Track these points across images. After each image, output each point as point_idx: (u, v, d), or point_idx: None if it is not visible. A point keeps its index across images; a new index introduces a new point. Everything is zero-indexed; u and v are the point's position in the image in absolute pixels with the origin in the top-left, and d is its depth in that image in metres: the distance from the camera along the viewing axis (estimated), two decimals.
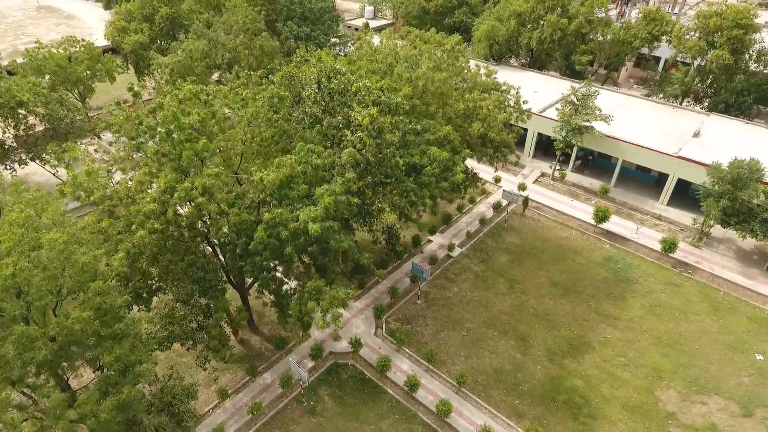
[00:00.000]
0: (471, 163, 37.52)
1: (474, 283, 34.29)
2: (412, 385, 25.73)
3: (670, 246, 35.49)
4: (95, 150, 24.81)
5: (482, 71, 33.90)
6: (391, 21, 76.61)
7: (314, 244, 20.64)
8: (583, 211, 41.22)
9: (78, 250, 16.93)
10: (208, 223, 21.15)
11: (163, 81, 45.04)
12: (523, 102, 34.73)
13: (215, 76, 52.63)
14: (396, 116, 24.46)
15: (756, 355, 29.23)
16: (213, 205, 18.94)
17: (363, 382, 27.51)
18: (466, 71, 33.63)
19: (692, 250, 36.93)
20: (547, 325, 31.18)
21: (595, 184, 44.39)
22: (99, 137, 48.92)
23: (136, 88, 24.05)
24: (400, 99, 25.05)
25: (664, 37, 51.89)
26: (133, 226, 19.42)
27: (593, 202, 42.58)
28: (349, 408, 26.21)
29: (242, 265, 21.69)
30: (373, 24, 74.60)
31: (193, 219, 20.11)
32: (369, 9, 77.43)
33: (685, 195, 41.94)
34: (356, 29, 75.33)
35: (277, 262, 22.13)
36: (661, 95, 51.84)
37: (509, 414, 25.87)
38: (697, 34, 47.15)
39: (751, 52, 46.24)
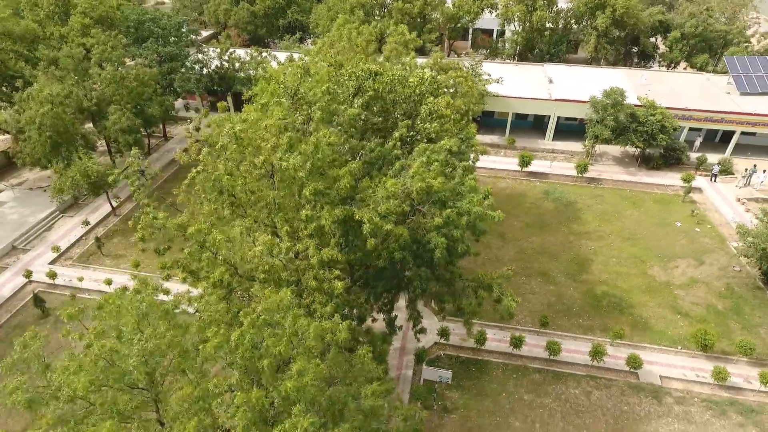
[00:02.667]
0: None
1: (473, 247, 37.25)
2: (517, 342, 27.82)
3: (583, 168, 44.42)
4: None
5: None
6: (213, 31, 71.05)
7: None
8: (502, 162, 47.79)
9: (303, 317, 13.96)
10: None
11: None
12: None
13: None
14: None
15: (676, 223, 39.79)
16: (400, 228, 17.17)
17: (465, 364, 28.37)
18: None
19: (589, 168, 46.76)
20: (550, 257, 36.40)
21: (495, 138, 51.47)
22: None
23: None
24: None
25: (485, 11, 61.68)
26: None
27: (502, 153, 49.58)
28: (473, 389, 26.95)
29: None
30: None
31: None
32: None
33: (556, 129, 52.13)
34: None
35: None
36: (499, 57, 62.03)
37: (585, 332, 30.28)
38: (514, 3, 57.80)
39: (554, 12, 59.03)
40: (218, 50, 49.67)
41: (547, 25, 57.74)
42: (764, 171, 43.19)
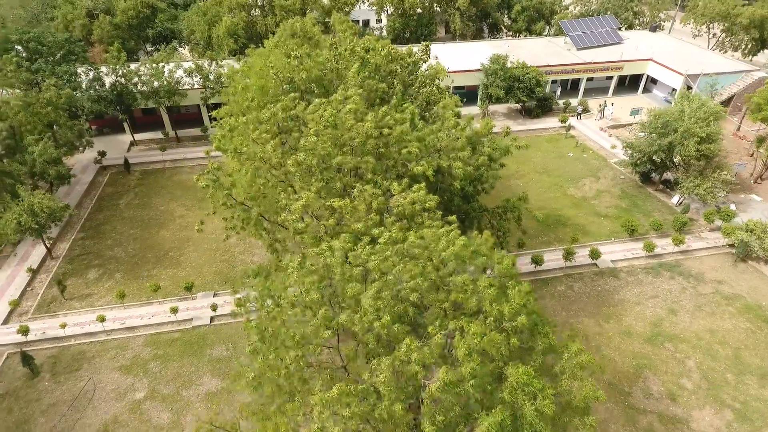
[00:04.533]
0: None
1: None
2: (537, 261, 33.61)
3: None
4: None
5: None
6: None
7: None
8: None
9: None
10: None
11: None
12: None
13: None
14: None
15: (569, 154, 49.69)
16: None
17: None
18: None
19: None
20: (493, 197, 42.74)
21: None
22: None
23: None
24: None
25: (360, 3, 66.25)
26: None
27: None
28: None
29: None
30: None
31: None
32: None
33: None
34: None
35: None
36: None
37: (547, 245, 37.29)
38: None
39: None
40: (111, 66, 46.03)
41: (418, 10, 64.66)
42: (611, 104, 55.82)
